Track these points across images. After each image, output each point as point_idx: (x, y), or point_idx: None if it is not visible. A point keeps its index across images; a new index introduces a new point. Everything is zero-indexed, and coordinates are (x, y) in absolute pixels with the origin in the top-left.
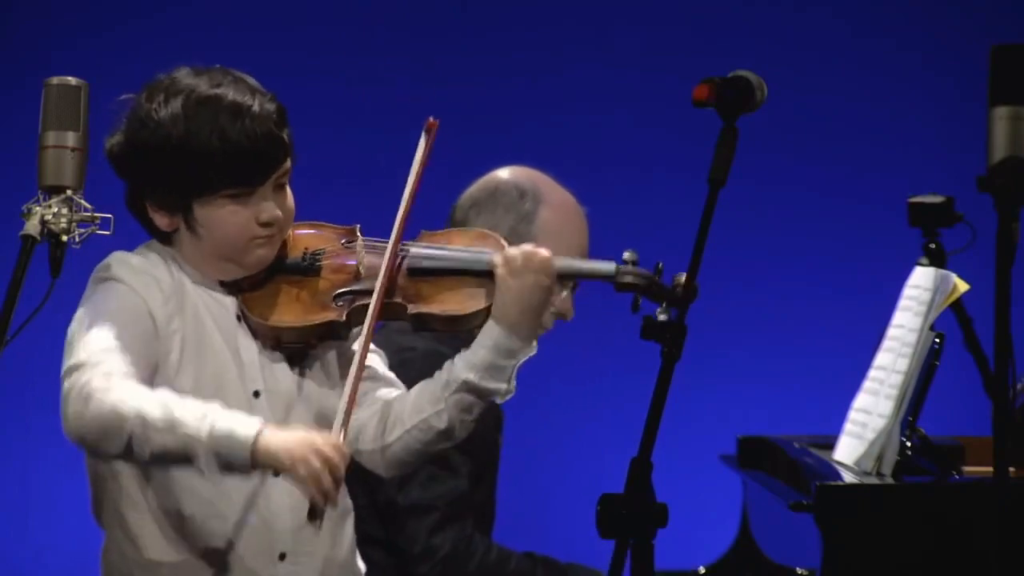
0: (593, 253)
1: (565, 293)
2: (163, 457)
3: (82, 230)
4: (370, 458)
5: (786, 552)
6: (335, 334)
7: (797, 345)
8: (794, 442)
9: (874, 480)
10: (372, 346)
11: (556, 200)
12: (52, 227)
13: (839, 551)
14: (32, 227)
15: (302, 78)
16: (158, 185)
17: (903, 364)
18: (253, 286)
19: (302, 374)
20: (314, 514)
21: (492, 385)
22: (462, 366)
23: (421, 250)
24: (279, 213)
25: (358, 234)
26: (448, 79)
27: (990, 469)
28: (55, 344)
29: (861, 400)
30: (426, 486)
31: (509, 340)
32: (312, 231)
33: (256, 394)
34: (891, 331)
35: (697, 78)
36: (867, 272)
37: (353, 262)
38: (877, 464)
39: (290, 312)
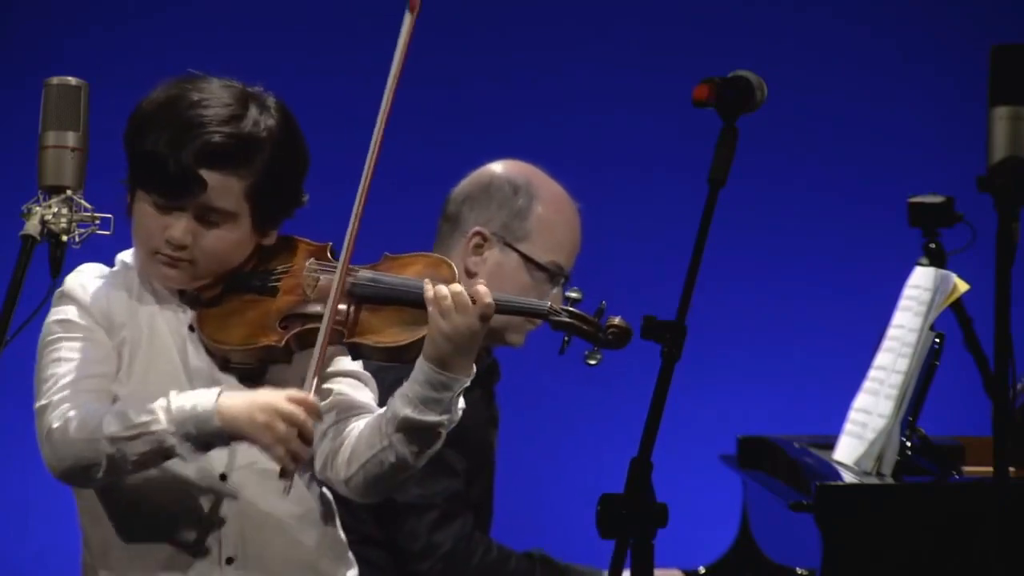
0: (592, 251)
1: (547, 287)
2: (146, 463)
3: (82, 230)
4: (338, 488)
5: (786, 552)
6: (275, 359)
7: (797, 345)
8: (794, 442)
9: (874, 480)
10: (360, 375)
11: (550, 195)
12: (52, 227)
13: (839, 551)
14: (32, 227)
15: (302, 78)
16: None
17: (903, 364)
18: (210, 302)
19: (255, 387)
20: (284, 473)
21: (431, 418)
22: (400, 402)
23: (368, 274)
24: (184, 240)
25: (327, 254)
26: (448, 79)
27: (990, 469)
28: None
29: (861, 400)
30: (423, 484)
31: (440, 375)
32: (283, 247)
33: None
34: (891, 331)
35: (697, 78)
36: (867, 272)
37: (307, 283)
38: (877, 464)
39: (235, 333)
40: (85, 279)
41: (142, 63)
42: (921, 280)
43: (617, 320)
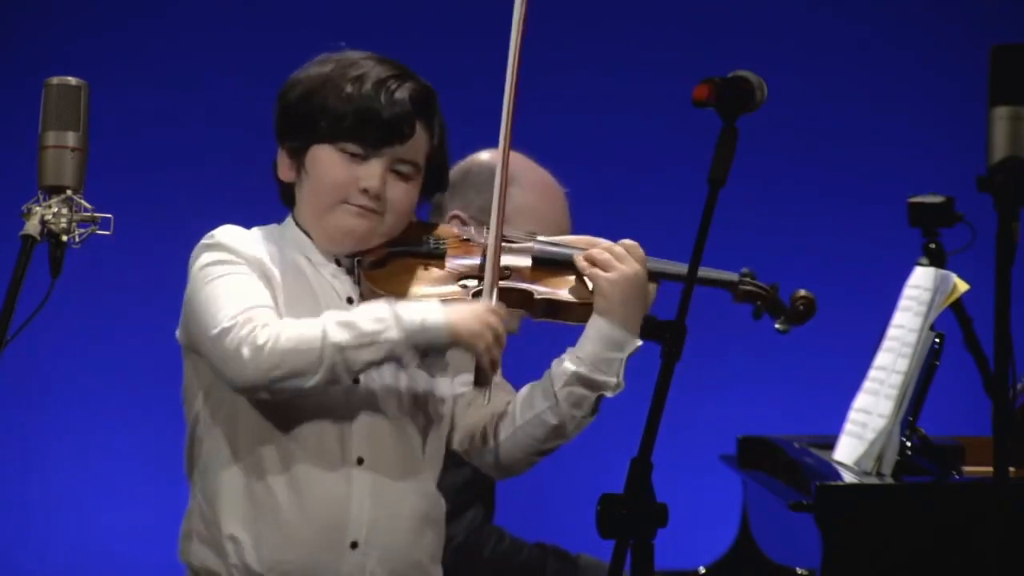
0: None
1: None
2: (367, 370)
3: (82, 230)
4: (481, 458)
5: (786, 552)
6: None
7: (797, 345)
8: (794, 442)
9: (874, 480)
10: None
11: (530, 180)
12: (52, 227)
13: (839, 551)
14: (32, 227)
15: None
16: (288, 128)
17: (903, 364)
18: (375, 264)
19: (408, 371)
20: (482, 380)
21: (601, 378)
22: (570, 360)
23: (541, 237)
24: (379, 188)
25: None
26: (448, 79)
27: (990, 469)
28: (55, 344)
29: (861, 400)
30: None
31: (614, 332)
32: (419, 224)
33: (356, 381)
34: (891, 331)
35: (697, 78)
36: (867, 272)
37: (476, 245)
38: (877, 464)
39: (416, 292)
40: (233, 231)
41: (142, 63)
42: (921, 280)
43: (803, 292)
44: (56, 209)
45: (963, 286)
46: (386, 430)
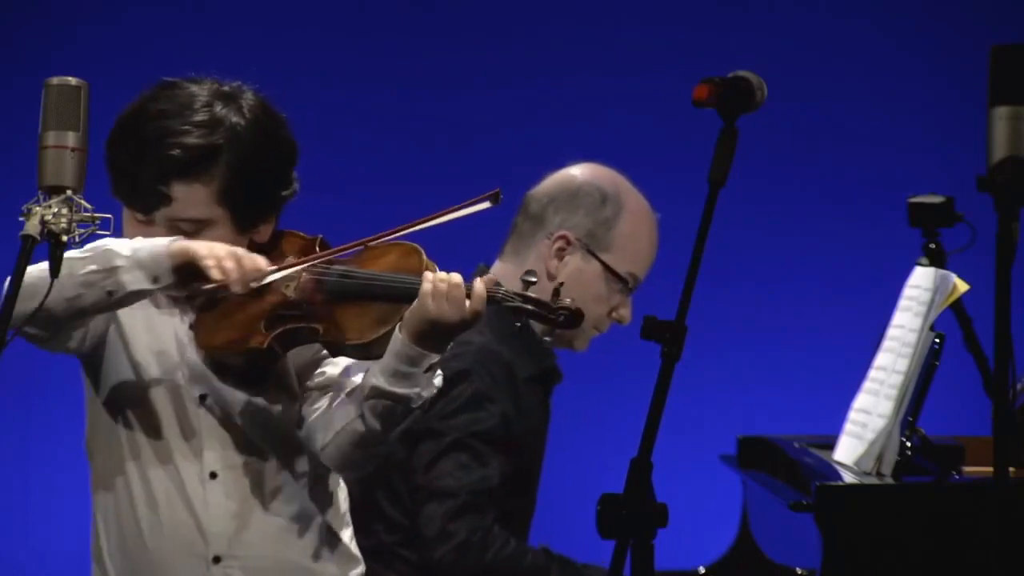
0: None
1: (620, 296)
2: (95, 292)
3: (82, 230)
4: (321, 457)
5: (786, 552)
6: (264, 362)
7: (797, 345)
8: (794, 442)
9: (874, 480)
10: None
11: (636, 208)
12: (52, 227)
13: (839, 551)
14: (32, 227)
15: (302, 78)
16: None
17: (903, 364)
18: (204, 306)
19: (251, 382)
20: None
21: (401, 391)
22: (374, 370)
23: (340, 268)
24: None
25: (315, 247)
26: (448, 80)
27: (990, 469)
28: None
29: (861, 400)
30: (454, 474)
31: (411, 350)
32: (275, 243)
33: (202, 398)
34: (891, 331)
35: (697, 78)
36: (867, 272)
37: (288, 281)
38: (877, 464)
39: (222, 336)
40: None
41: (142, 63)
42: (921, 280)
43: (567, 301)
44: (56, 209)
45: (963, 286)
46: (239, 441)
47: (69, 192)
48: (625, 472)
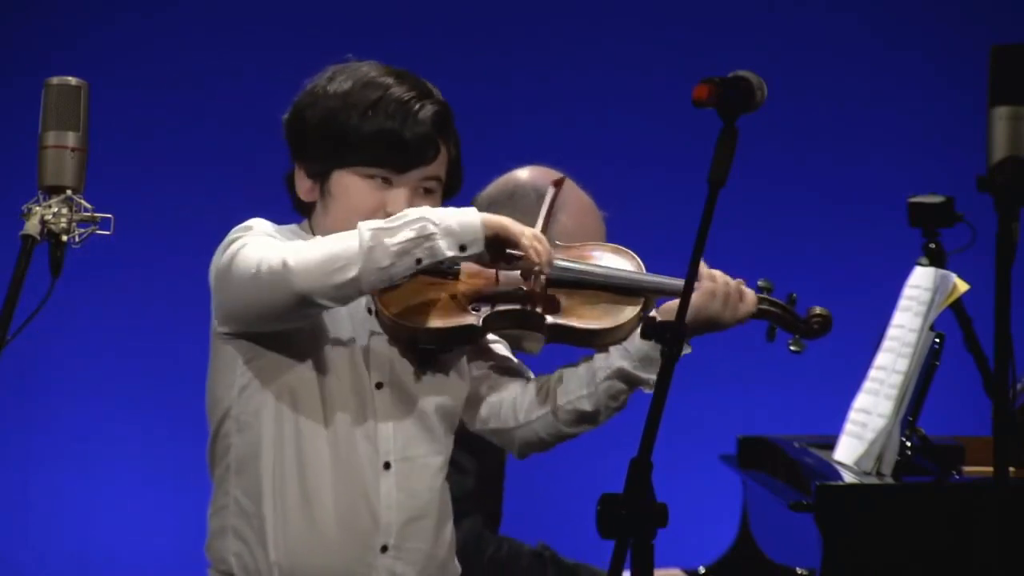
0: None
1: None
2: (407, 259)
3: (82, 230)
4: (504, 436)
5: (786, 552)
6: (470, 340)
7: None
8: (794, 442)
9: (874, 480)
10: (495, 337)
11: (574, 205)
12: (52, 227)
13: (839, 551)
14: (32, 227)
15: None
16: (308, 149)
17: (903, 364)
18: (386, 288)
19: (429, 370)
20: (528, 275)
21: (644, 375)
22: (617, 354)
23: (561, 262)
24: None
25: None
26: (447, 79)
27: (990, 469)
28: (55, 344)
29: (861, 400)
30: None
31: None
32: None
33: (379, 385)
34: (891, 331)
35: (697, 78)
36: (867, 272)
37: (491, 268)
38: (877, 464)
39: (428, 314)
40: (265, 222)
41: (142, 63)
42: (921, 280)
43: (818, 309)
44: (56, 209)
45: (963, 286)
46: (412, 433)
47: (69, 192)
48: (625, 472)
